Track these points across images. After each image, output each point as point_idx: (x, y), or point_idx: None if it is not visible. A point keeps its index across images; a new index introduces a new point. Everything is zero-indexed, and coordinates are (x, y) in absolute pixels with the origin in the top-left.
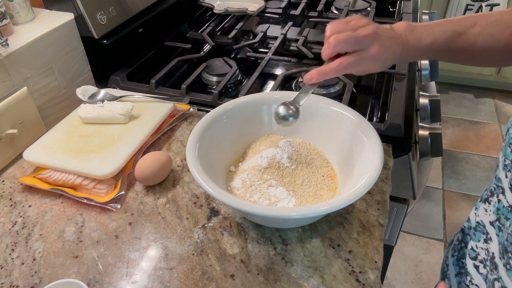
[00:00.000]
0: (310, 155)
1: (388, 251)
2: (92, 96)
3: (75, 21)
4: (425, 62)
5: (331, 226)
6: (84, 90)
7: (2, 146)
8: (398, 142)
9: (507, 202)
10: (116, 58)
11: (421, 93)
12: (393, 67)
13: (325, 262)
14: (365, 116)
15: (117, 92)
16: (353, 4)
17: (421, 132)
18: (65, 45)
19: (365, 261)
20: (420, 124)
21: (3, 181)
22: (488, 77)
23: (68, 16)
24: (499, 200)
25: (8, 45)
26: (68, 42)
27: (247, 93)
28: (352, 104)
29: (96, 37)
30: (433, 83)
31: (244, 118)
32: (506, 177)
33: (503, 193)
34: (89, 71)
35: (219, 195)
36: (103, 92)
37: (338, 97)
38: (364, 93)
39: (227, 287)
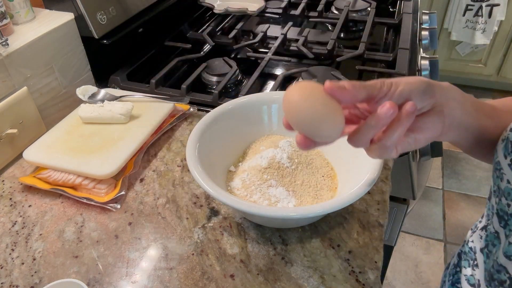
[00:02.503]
0: (310, 155)
1: (388, 251)
2: (92, 96)
3: (75, 21)
4: (425, 62)
5: (331, 226)
6: (84, 90)
7: (2, 146)
8: None
9: (493, 228)
10: (116, 58)
11: None
12: (393, 67)
13: (325, 262)
14: None
15: (117, 92)
16: (353, 4)
17: None
18: (65, 45)
19: (365, 261)
20: None
21: (3, 181)
22: (488, 77)
23: (68, 16)
24: (489, 226)
25: (8, 45)
26: (68, 42)
27: (247, 93)
28: None
29: (96, 37)
30: None
31: (244, 118)
32: (496, 203)
33: (492, 219)
34: (89, 71)
35: (219, 195)
36: (103, 92)
37: None
38: None
39: (227, 287)
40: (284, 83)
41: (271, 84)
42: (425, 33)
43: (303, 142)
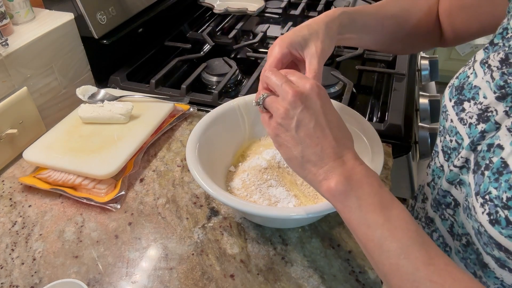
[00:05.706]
0: None
1: None
2: (92, 96)
3: (75, 21)
4: (425, 62)
5: (331, 226)
6: (84, 90)
7: (2, 146)
8: (398, 142)
9: (439, 162)
10: (116, 58)
11: (421, 93)
12: (393, 67)
13: (325, 262)
14: (365, 116)
15: (117, 92)
16: (353, 4)
17: (421, 132)
18: (65, 45)
19: (365, 261)
20: (420, 124)
21: (3, 181)
22: None
23: (68, 16)
24: (434, 163)
25: (8, 45)
26: (68, 42)
27: (247, 93)
28: (352, 104)
29: (96, 37)
30: (433, 83)
31: (244, 118)
32: (440, 141)
33: (437, 156)
34: (89, 71)
35: (219, 195)
36: (103, 92)
37: (338, 97)
38: (364, 93)
39: (227, 287)
40: None
41: None
42: None
43: None
